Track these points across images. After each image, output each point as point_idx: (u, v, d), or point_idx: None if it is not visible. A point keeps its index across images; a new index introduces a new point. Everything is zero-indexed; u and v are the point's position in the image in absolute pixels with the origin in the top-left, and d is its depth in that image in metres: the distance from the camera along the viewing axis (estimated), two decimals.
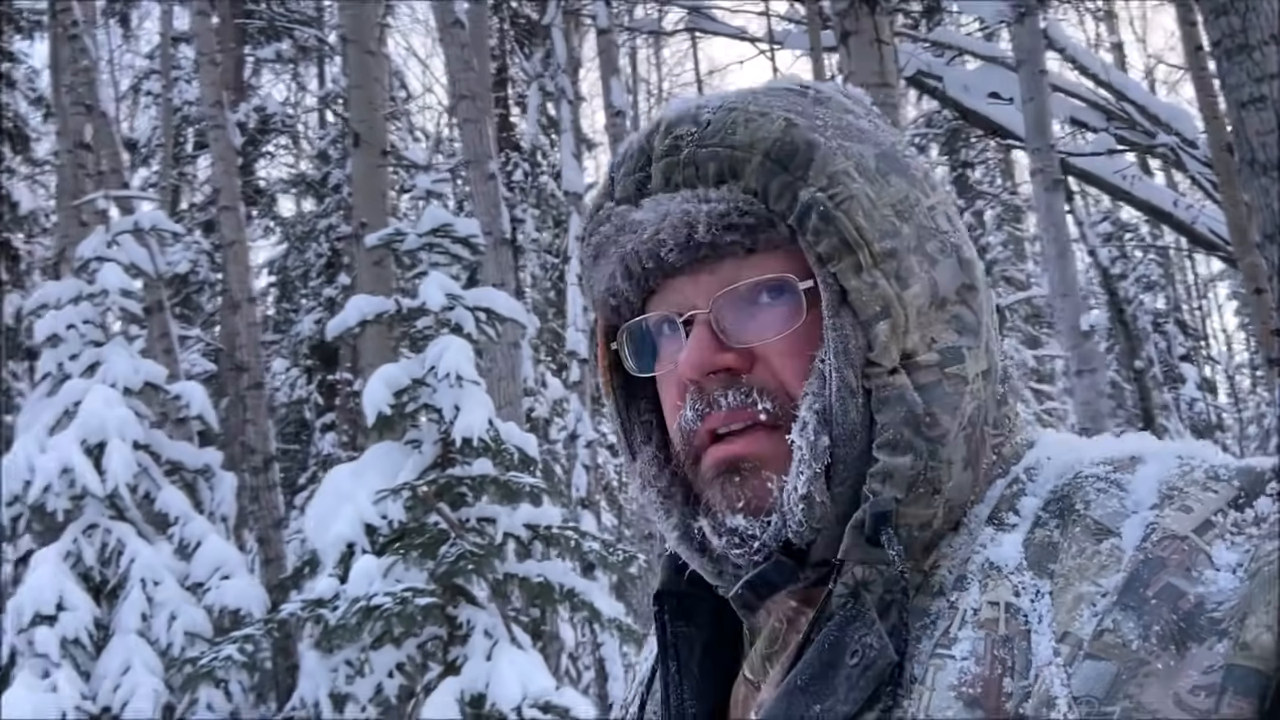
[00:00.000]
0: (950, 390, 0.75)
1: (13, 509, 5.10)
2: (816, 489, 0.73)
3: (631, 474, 0.86)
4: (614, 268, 0.81)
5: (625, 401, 0.89)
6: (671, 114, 0.81)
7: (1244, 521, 0.66)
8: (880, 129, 0.83)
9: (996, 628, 0.67)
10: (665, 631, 0.83)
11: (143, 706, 4.71)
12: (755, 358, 0.78)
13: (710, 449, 0.78)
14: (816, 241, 0.74)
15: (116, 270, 5.40)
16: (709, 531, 0.78)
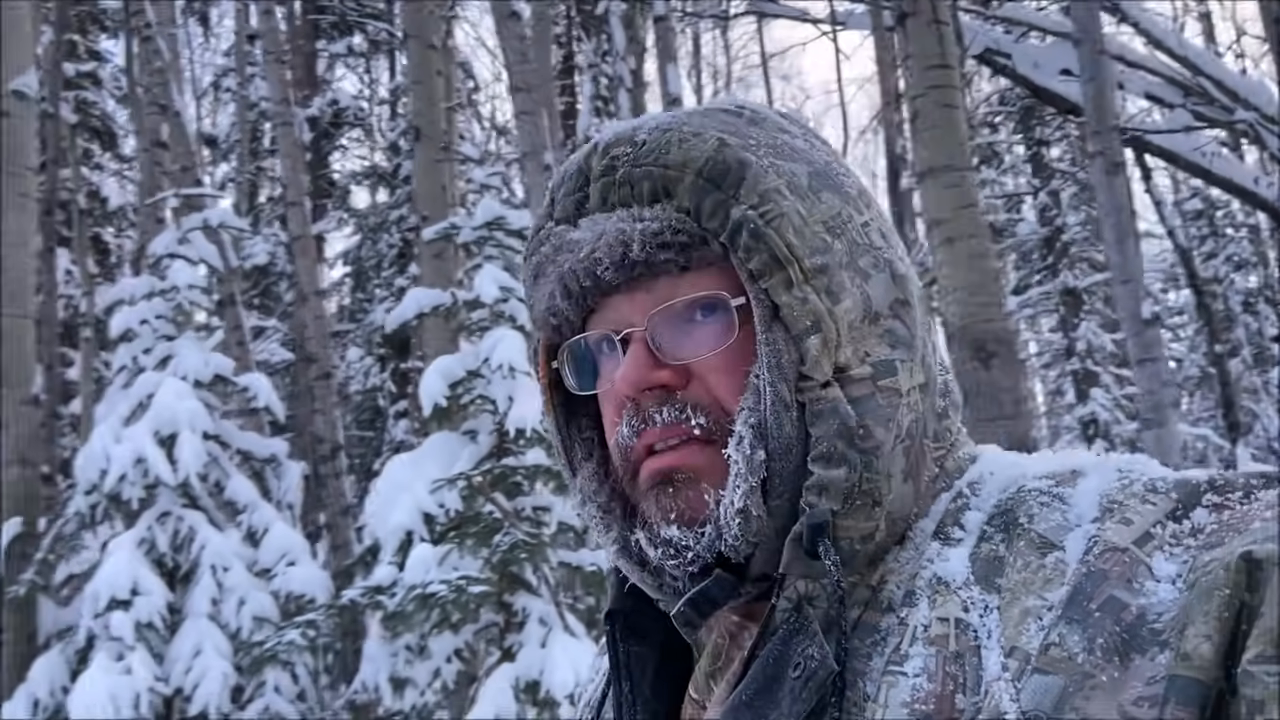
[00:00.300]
0: (883, 402, 0.76)
1: (91, 497, 5.32)
2: (753, 503, 0.74)
3: (572, 490, 0.87)
4: (553, 287, 0.82)
5: (566, 419, 0.89)
6: (609, 136, 0.82)
7: (1181, 533, 0.67)
8: (815, 148, 0.84)
9: (947, 644, 0.67)
10: (617, 651, 0.83)
11: (213, 688, 4.88)
12: (691, 374, 0.79)
13: (646, 461, 0.80)
14: (748, 258, 0.75)
15: (186, 266, 5.58)
16: (645, 543, 0.79)
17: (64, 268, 15.24)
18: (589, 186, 0.82)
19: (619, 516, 0.83)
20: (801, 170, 0.79)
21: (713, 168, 0.77)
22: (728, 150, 0.77)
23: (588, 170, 0.82)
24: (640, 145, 0.79)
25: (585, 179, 0.82)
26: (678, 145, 0.78)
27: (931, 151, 5.48)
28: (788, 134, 0.84)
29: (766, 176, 0.77)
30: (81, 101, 15.40)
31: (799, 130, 0.86)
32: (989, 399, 5.22)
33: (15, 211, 5.51)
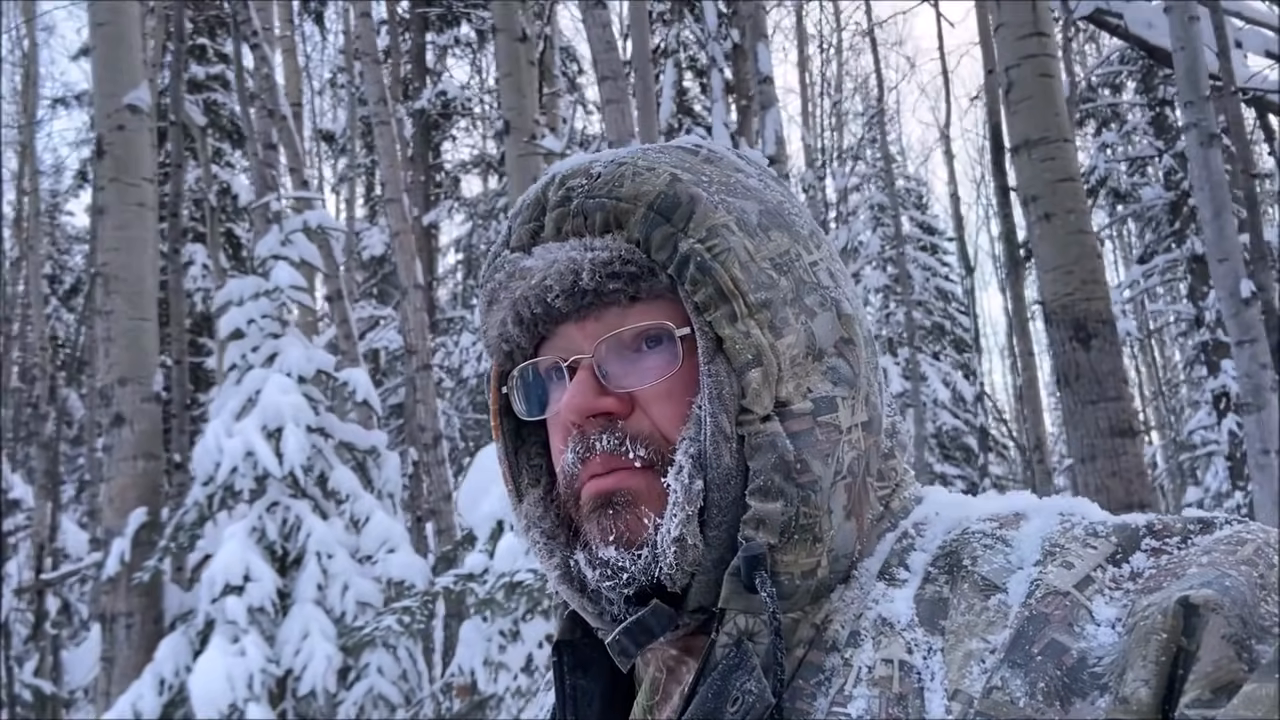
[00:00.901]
0: (822, 438, 0.77)
1: (208, 488, 5.63)
2: (689, 531, 0.75)
3: (517, 516, 0.89)
4: (505, 314, 0.84)
5: (515, 445, 0.91)
6: (566, 168, 0.84)
7: (1121, 577, 0.68)
8: (769, 188, 0.86)
9: (890, 685, 0.69)
10: (564, 683, 0.85)
11: (319, 669, 5.12)
12: (635, 403, 0.80)
13: (588, 484, 0.81)
14: (694, 291, 0.76)
15: (288, 268, 5.82)
16: (584, 563, 0.81)
17: (200, 262, 16.08)
18: (544, 216, 0.83)
19: (562, 543, 0.85)
20: (752, 208, 0.81)
21: (663, 201, 0.78)
22: (679, 185, 0.79)
23: (544, 201, 0.84)
24: (595, 177, 0.81)
25: (541, 209, 0.84)
26: (631, 179, 0.79)
27: (1027, 124, 5.30)
28: (742, 173, 0.85)
29: (716, 212, 0.78)
30: (211, 103, 16.16)
31: (754, 170, 0.87)
32: (1088, 381, 5.05)
33: (133, 220, 5.85)
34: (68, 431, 16.42)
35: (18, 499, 11.05)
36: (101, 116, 5.84)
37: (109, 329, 5.67)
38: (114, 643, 5.54)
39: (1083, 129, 14.10)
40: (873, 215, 19.38)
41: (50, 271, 18.80)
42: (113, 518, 5.54)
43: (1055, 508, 0.78)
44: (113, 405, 5.59)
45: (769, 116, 7.59)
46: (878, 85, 14.43)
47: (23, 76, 13.78)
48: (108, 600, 5.57)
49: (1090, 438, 5.01)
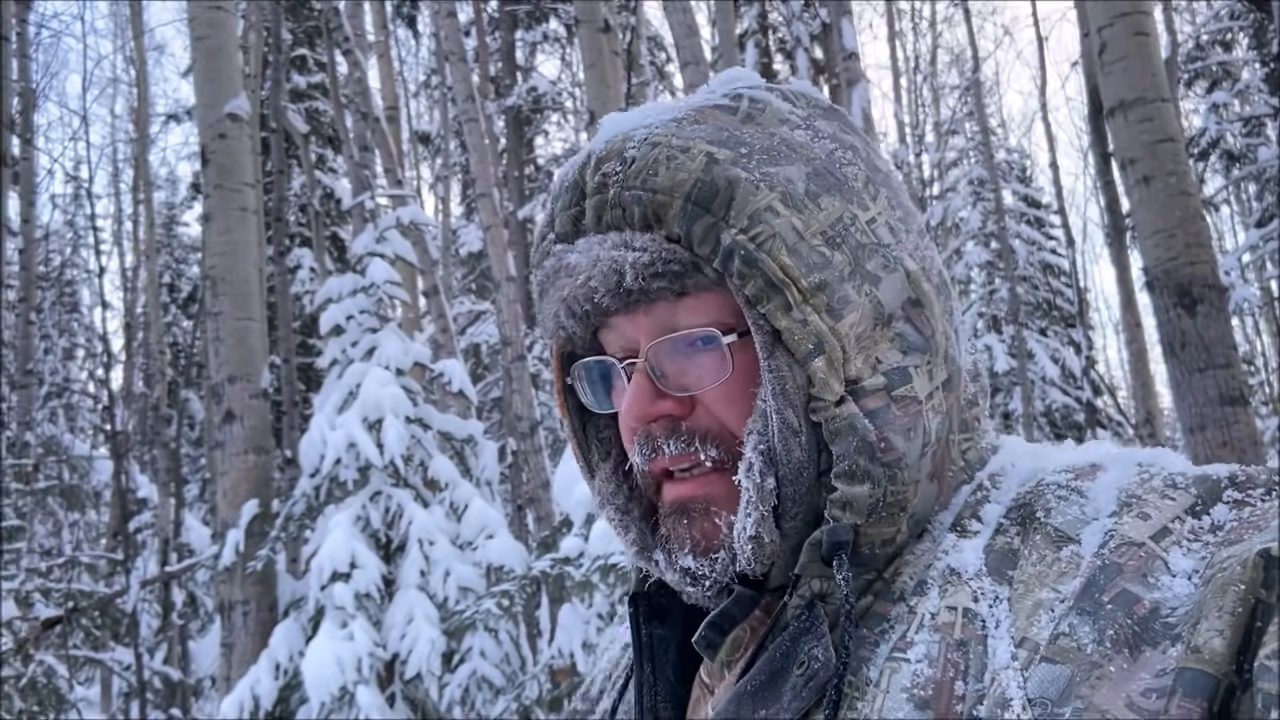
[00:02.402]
0: (900, 413, 0.76)
1: (314, 480, 5.83)
2: (765, 529, 0.75)
3: (591, 490, 0.90)
4: (557, 307, 0.83)
5: (581, 420, 0.91)
6: (601, 147, 0.82)
7: (1200, 529, 0.68)
8: (819, 135, 0.82)
9: (952, 632, 0.69)
10: (639, 633, 0.86)
11: (425, 653, 5.27)
12: (696, 401, 0.79)
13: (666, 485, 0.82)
14: (743, 284, 0.74)
15: (382, 264, 5.99)
16: (664, 565, 0.81)
17: (308, 266, 16.62)
18: (584, 202, 0.81)
19: (636, 518, 0.85)
20: (798, 174, 0.77)
21: (700, 190, 0.75)
22: (716, 168, 0.75)
23: (582, 184, 0.82)
24: (629, 163, 0.78)
25: (581, 193, 0.82)
26: (665, 165, 0.77)
27: (1122, 84, 5.13)
28: (787, 124, 0.81)
29: (758, 193, 0.75)
30: (312, 111, 16.68)
31: (802, 115, 0.83)
32: (1196, 349, 4.87)
33: (237, 224, 6.09)
34: (189, 433, 17.18)
35: (145, 498, 11.62)
36: (204, 126, 6.09)
37: (218, 329, 5.92)
38: (232, 630, 5.79)
39: (1193, 89, 13.50)
40: (972, 190, 18.91)
41: (168, 280, 19.69)
42: (227, 510, 5.79)
43: (1133, 459, 0.77)
44: (223, 402, 5.84)
45: (855, 93, 7.48)
46: (973, 56, 14.06)
47: (136, 92, 14.45)
48: (225, 589, 5.83)
49: (1199, 406, 4.84)
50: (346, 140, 7.71)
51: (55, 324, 18.82)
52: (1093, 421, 13.74)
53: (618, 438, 0.89)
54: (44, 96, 15.67)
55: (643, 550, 0.84)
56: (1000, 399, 16.80)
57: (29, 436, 10.42)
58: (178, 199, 22.10)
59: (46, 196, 19.47)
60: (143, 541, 11.60)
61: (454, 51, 7.44)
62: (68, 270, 20.69)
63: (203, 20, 6.20)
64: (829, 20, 11.99)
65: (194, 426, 17.15)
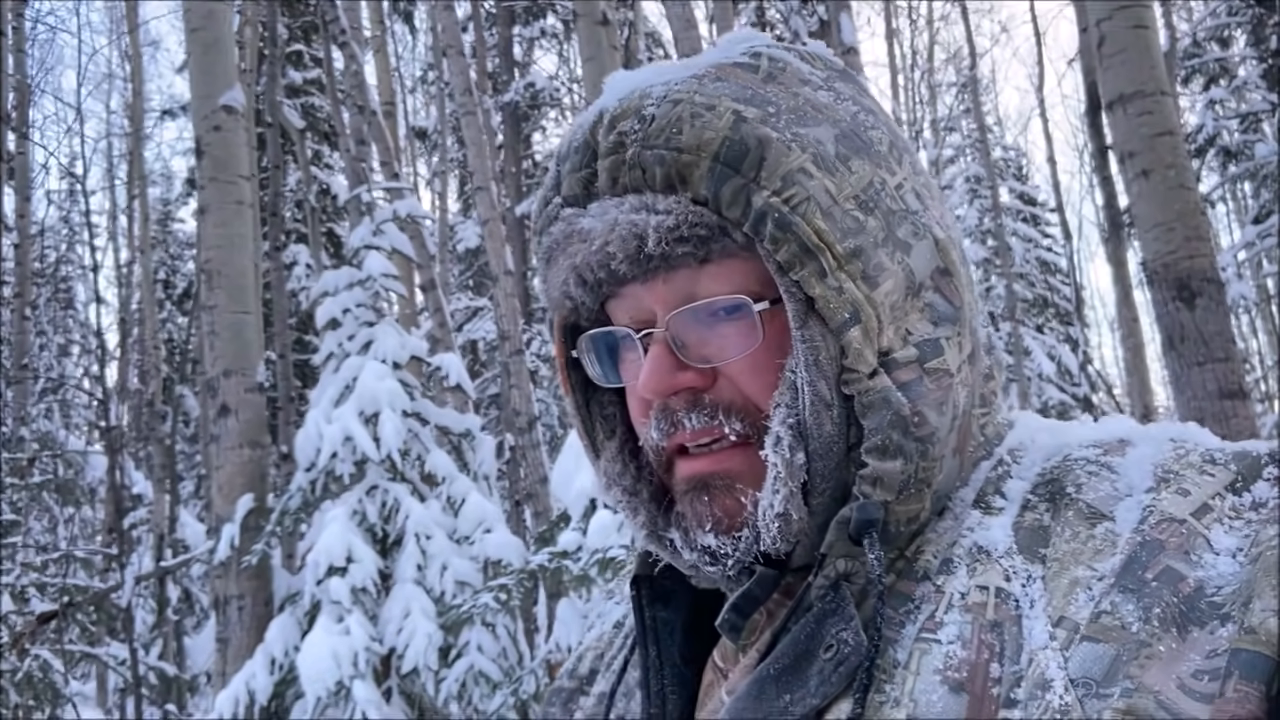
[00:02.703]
0: (933, 386, 0.73)
1: (310, 474, 5.81)
2: (794, 506, 0.72)
3: (597, 473, 0.86)
4: (567, 275, 0.78)
5: (585, 398, 0.87)
6: (614, 104, 0.77)
7: (1242, 506, 0.66)
8: (841, 97, 0.78)
9: (985, 612, 0.67)
10: (643, 616, 0.83)
11: (421, 647, 5.25)
12: (718, 372, 0.76)
13: (680, 462, 0.78)
14: (775, 250, 0.71)
15: (379, 257, 5.97)
16: (681, 544, 0.78)
17: (304, 262, 16.60)
18: (596, 163, 0.77)
19: (645, 500, 0.82)
20: (827, 135, 0.74)
21: (729, 149, 0.71)
22: (745, 127, 0.72)
23: (594, 145, 0.77)
24: (649, 121, 0.74)
25: (593, 154, 0.77)
26: (690, 122, 0.72)
27: (1121, 78, 5.13)
28: (809, 85, 0.77)
29: (790, 154, 0.71)
30: (308, 106, 16.64)
31: (822, 76, 0.79)
32: (1194, 342, 4.87)
33: (232, 217, 6.06)
34: (185, 429, 17.15)
35: (140, 494, 11.60)
36: (199, 118, 6.07)
37: (213, 323, 5.89)
38: (227, 624, 5.77)
39: (1189, 86, 13.50)
40: (969, 187, 18.91)
41: (163, 276, 19.65)
42: (222, 505, 5.76)
43: (1166, 433, 0.74)
44: (219, 396, 5.81)
45: None
46: (970, 53, 14.05)
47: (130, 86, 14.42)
48: (220, 584, 5.80)
49: (1198, 400, 4.84)
50: (343, 134, 7.69)
51: (51, 320, 18.78)
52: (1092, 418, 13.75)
53: (623, 415, 0.85)
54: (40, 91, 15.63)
55: (654, 532, 0.81)
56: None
57: (24, 432, 10.40)
58: (173, 195, 22.07)
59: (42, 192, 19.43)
60: (138, 537, 11.57)
61: (451, 45, 7.42)
62: (63, 266, 20.64)
63: (198, 12, 6.17)
64: (827, 16, 11.97)
65: (189, 423, 17.12)
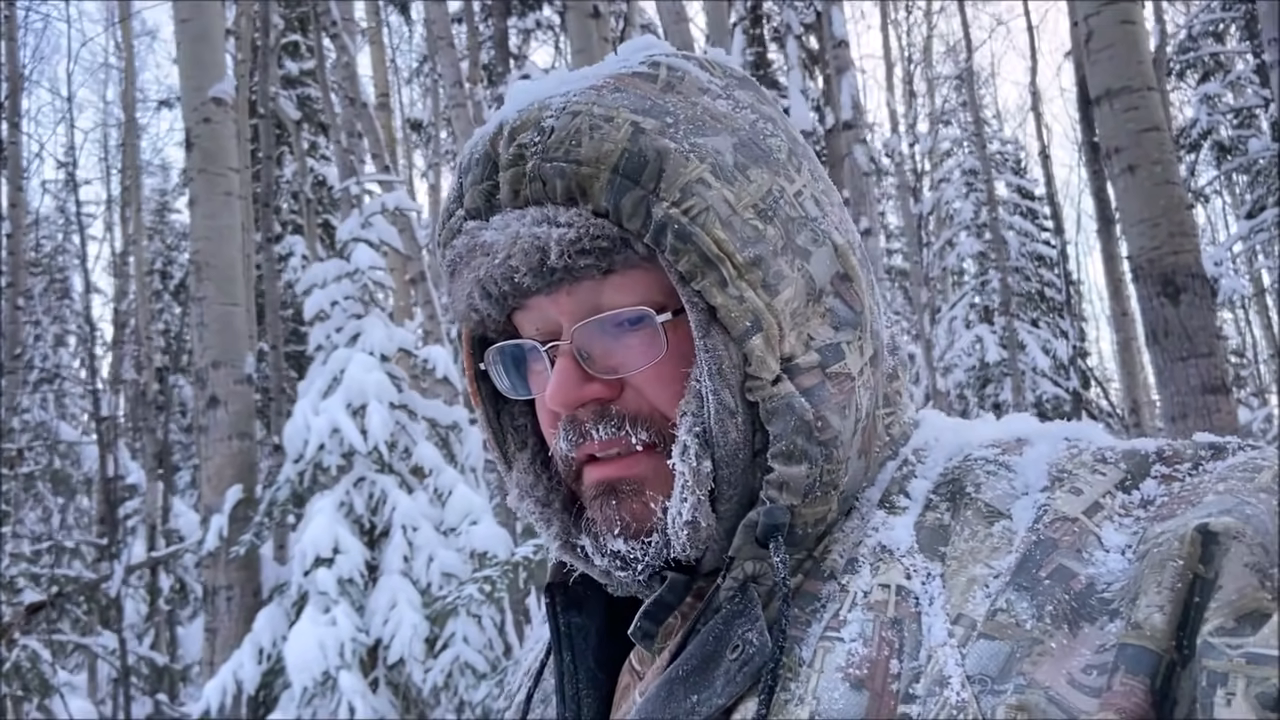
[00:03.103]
0: (835, 390, 0.74)
1: (299, 465, 5.83)
2: (702, 514, 0.73)
3: (509, 485, 0.86)
4: (471, 288, 0.79)
5: (495, 409, 0.87)
6: (514, 116, 0.77)
7: (1131, 504, 0.67)
8: (740, 105, 0.79)
9: (885, 610, 0.68)
10: (557, 623, 0.84)
11: (407, 638, 5.27)
12: (625, 383, 0.76)
13: (589, 468, 0.78)
14: (676, 260, 0.71)
15: (367, 249, 5.97)
16: (592, 551, 0.78)
17: (300, 253, 16.59)
18: (497, 175, 0.77)
19: (558, 510, 0.82)
20: (725, 145, 0.74)
21: (628, 161, 0.71)
22: (643, 138, 0.72)
23: (495, 156, 0.77)
24: (548, 133, 0.73)
25: (493, 166, 0.77)
26: (589, 135, 0.72)
27: (1108, 73, 5.14)
28: (709, 94, 0.78)
29: (688, 164, 0.72)
30: (304, 98, 16.61)
31: (720, 84, 0.80)
32: (1178, 337, 4.89)
33: (221, 209, 6.07)
34: (181, 420, 17.16)
35: (134, 484, 11.61)
36: (188, 110, 6.07)
37: (203, 314, 5.90)
38: (216, 614, 5.79)
39: (1184, 80, 13.49)
40: (965, 181, 18.90)
41: (159, 267, 19.64)
42: (211, 495, 5.78)
43: (1060, 433, 0.76)
44: (208, 388, 5.83)
45: (844, 81, 7.47)
46: (966, 46, 14.04)
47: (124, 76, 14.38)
48: (209, 574, 5.83)
49: (1181, 395, 4.86)
50: (334, 125, 7.68)
51: (47, 310, 18.76)
52: (1079, 412, 13.78)
53: (534, 426, 0.86)
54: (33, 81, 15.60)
55: (566, 541, 0.82)
56: (991, 389, 16.84)
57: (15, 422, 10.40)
58: (170, 185, 22.04)
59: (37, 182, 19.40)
60: (132, 528, 11.59)
61: (442, 38, 7.41)
62: (59, 256, 20.61)
63: (187, 4, 6.17)
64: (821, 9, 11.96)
65: (185, 413, 17.12)
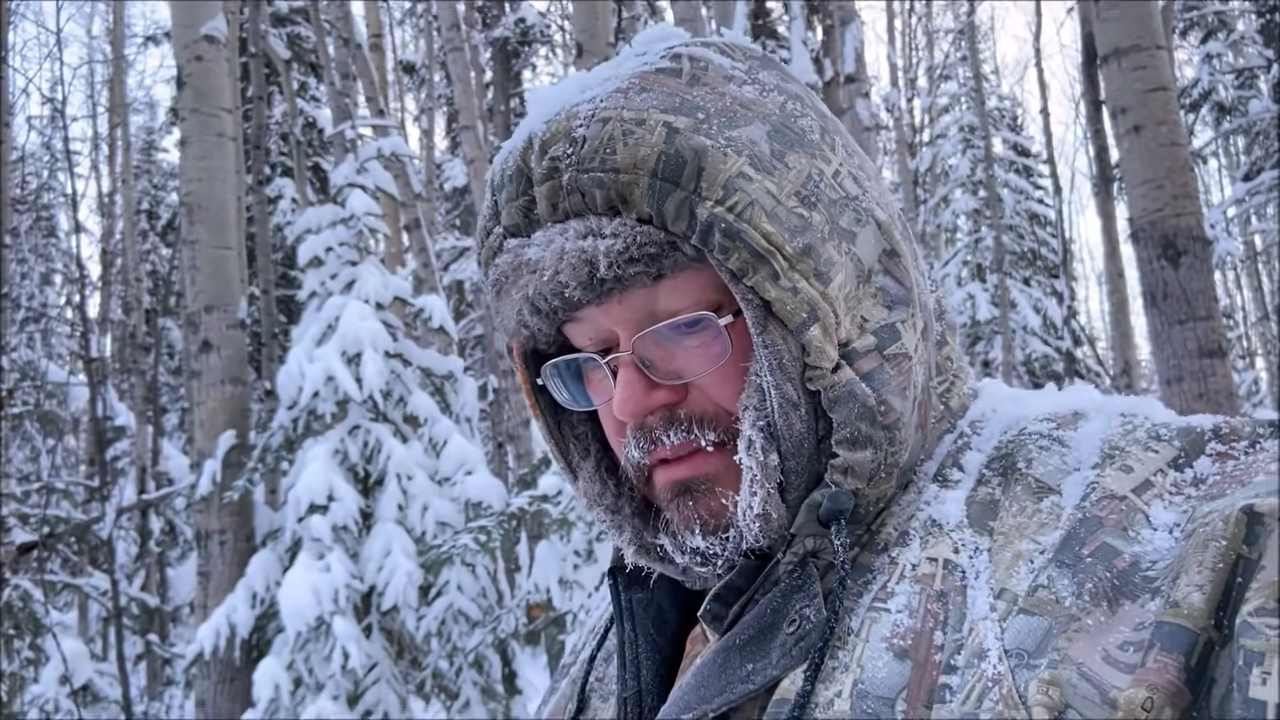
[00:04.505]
0: (894, 372, 0.74)
1: (292, 412, 5.81)
2: (772, 506, 0.73)
3: (576, 493, 0.87)
4: (520, 305, 0.78)
5: (556, 420, 0.88)
6: (541, 128, 0.76)
7: (1183, 482, 0.67)
8: (766, 89, 0.78)
9: (933, 583, 0.68)
10: (619, 599, 0.85)
11: (401, 586, 5.30)
12: (689, 386, 0.77)
13: (659, 471, 0.79)
14: (726, 259, 0.71)
15: (362, 196, 5.90)
16: (671, 549, 0.79)
17: (290, 196, 16.42)
18: (533, 190, 0.76)
19: (629, 516, 0.83)
20: (760, 134, 0.73)
21: (666, 164, 0.71)
22: (678, 139, 0.71)
23: (528, 171, 0.76)
24: (581, 144, 0.73)
25: (528, 181, 0.76)
26: (622, 141, 0.72)
27: (1117, 31, 5.09)
28: (734, 80, 0.77)
29: (727, 160, 0.71)
30: (295, 37, 16.32)
31: (744, 68, 0.79)
32: (1176, 300, 4.89)
33: (214, 150, 5.98)
34: (169, 362, 17.09)
35: (123, 426, 11.57)
36: (180, 48, 5.95)
37: (194, 258, 5.83)
38: (209, 558, 5.80)
39: (1187, 39, 13.37)
40: (963, 137, 18.79)
41: (147, 207, 19.42)
42: (203, 440, 5.76)
43: (1117, 408, 0.75)
44: (200, 332, 5.78)
45: (848, 33, 7.37)
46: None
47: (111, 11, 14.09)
48: (201, 518, 5.82)
49: (1177, 358, 4.87)
50: (327, 67, 7.56)
51: (33, 248, 18.56)
52: (1071, 371, 13.85)
53: (595, 433, 0.86)
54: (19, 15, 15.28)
55: (641, 545, 0.82)
56: (981, 347, 16.89)
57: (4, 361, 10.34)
58: (157, 124, 21.72)
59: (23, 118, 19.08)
60: (121, 469, 11.58)
61: None
62: (45, 194, 20.35)
63: None
64: None
65: (174, 355, 17.05)
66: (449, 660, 5.50)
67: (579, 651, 0.99)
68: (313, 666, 5.21)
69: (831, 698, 0.66)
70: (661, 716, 0.73)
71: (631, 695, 0.81)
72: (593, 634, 0.98)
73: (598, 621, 0.99)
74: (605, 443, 0.85)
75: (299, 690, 5.22)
